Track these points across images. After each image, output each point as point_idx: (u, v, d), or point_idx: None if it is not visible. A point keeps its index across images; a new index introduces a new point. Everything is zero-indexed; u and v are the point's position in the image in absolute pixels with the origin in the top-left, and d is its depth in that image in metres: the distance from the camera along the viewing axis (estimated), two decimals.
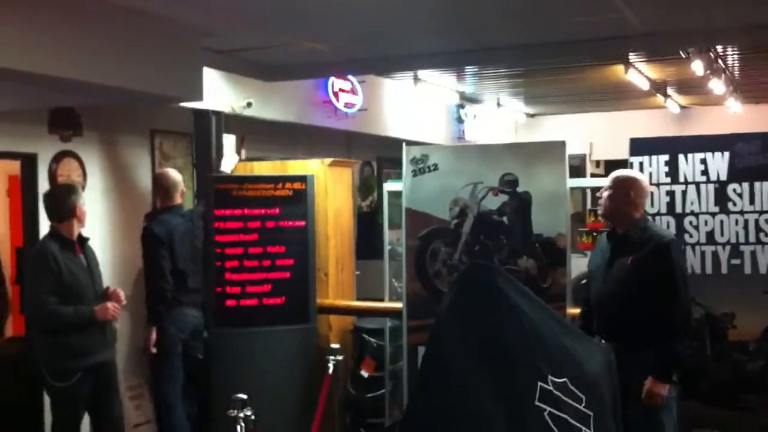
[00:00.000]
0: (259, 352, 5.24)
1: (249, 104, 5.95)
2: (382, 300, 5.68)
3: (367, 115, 7.49)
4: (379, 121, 7.87)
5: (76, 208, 4.29)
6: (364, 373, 5.50)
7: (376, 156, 8.78)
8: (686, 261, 4.28)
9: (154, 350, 4.88)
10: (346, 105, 7.11)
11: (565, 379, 3.35)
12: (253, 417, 3.51)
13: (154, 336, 4.86)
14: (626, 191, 3.86)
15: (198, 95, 4.73)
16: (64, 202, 4.30)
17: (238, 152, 6.15)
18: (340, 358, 4.62)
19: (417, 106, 8.49)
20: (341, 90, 7.09)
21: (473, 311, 3.46)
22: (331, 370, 4.55)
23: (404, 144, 5.27)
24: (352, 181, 6.15)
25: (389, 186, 5.92)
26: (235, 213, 5.37)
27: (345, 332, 5.66)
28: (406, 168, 5.24)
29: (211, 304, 5.22)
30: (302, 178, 5.51)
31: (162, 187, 5.23)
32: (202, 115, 5.73)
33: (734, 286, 4.39)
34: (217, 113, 5.77)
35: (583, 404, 3.34)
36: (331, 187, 5.75)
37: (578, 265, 5.63)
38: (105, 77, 4.03)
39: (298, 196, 5.48)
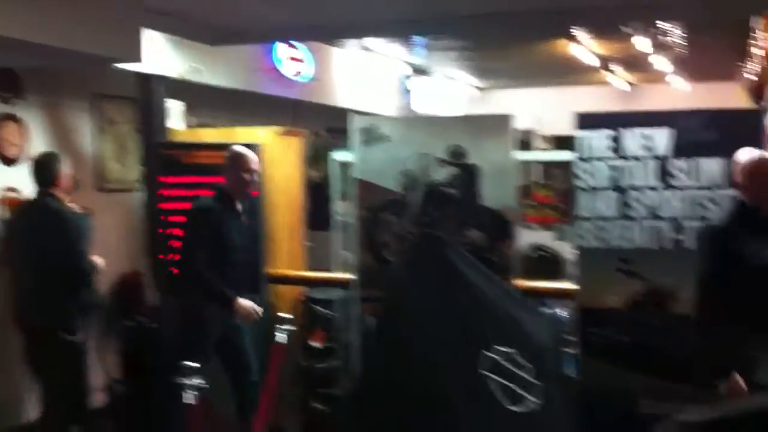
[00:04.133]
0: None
1: (195, 69, 5.85)
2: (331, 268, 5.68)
3: (317, 85, 7.44)
4: (329, 90, 7.83)
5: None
6: (315, 344, 5.50)
7: (323, 125, 8.73)
8: None
9: None
10: (296, 73, 7.04)
11: (512, 349, 3.42)
12: (202, 385, 3.48)
13: None
14: None
15: (136, 56, 4.64)
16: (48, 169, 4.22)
17: (184, 119, 6.06)
18: (291, 328, 4.61)
19: (367, 76, 8.46)
20: (291, 58, 7.02)
21: (424, 283, 3.51)
22: (281, 340, 4.53)
23: (352, 114, 5.26)
24: (302, 151, 6.11)
25: (338, 156, 5.90)
26: (182, 180, 5.28)
27: (295, 303, 5.64)
28: (354, 139, 5.22)
29: (156, 271, 5.16)
30: (252, 146, 5.44)
31: None
32: (146, 80, 5.62)
33: (677, 261, 4.48)
34: (162, 78, 5.66)
35: (529, 373, 3.42)
36: (281, 156, 5.71)
37: (525, 237, 5.72)
38: (38, 36, 3.92)
39: None
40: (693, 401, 3.53)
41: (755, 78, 6.98)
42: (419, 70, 9.30)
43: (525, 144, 9.43)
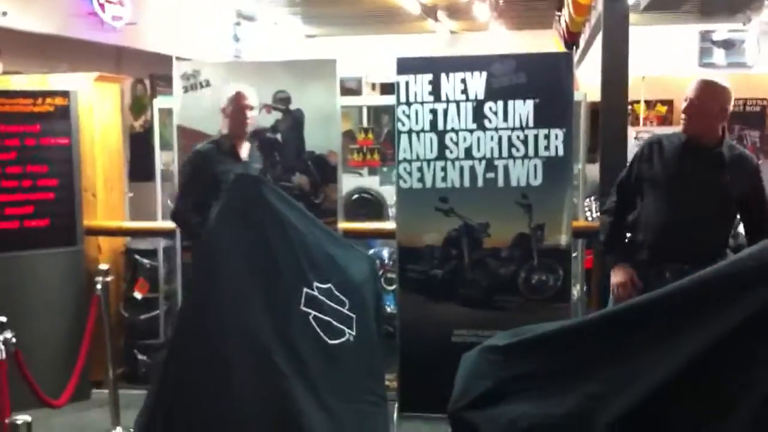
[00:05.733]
0: (22, 277, 4.98)
1: (4, 13, 5.51)
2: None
3: (138, 30, 7.17)
4: (151, 36, 7.57)
5: None
6: (138, 295, 5.41)
7: (149, 73, 8.45)
8: None
9: None
10: (114, 17, 6.76)
11: (329, 285, 3.52)
12: (13, 340, 3.35)
13: None
14: (722, 102, 3.74)
15: None
16: None
17: None
18: (108, 279, 4.51)
19: (191, 22, 8.23)
20: (108, 1, 6.72)
21: (240, 222, 3.52)
22: (99, 292, 4.42)
23: (175, 59, 5.12)
24: (121, 99, 5.90)
25: (160, 102, 5.74)
26: None
27: (117, 254, 5.50)
28: (176, 84, 5.11)
29: None
30: (65, 93, 5.22)
31: None
32: None
33: (489, 198, 4.71)
34: None
35: (347, 307, 3.53)
36: (98, 103, 5.49)
37: (349, 181, 5.80)
38: None
39: (60, 113, 5.18)
40: (498, 328, 3.78)
41: (567, 25, 7.35)
42: (248, 17, 9.14)
43: (354, 92, 9.52)
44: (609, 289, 4.00)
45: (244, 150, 4.50)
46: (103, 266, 4.55)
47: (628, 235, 4.09)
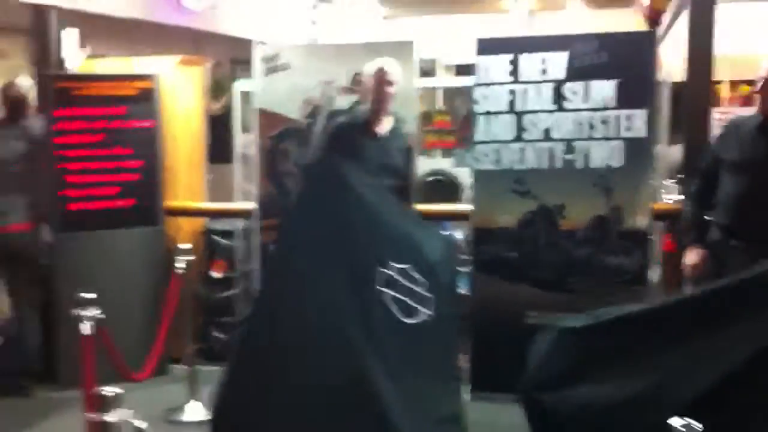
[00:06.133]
0: (106, 255, 5.15)
1: None
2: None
3: (217, 13, 7.29)
4: (230, 19, 7.68)
5: None
6: (215, 274, 5.53)
7: (229, 57, 8.58)
8: None
9: None
10: (193, 2, 6.88)
11: (407, 265, 3.53)
12: (100, 317, 3.48)
13: None
14: None
15: None
16: None
17: (79, 50, 5.89)
18: (189, 258, 4.62)
19: (269, 5, 8.32)
20: None
21: (320, 203, 3.57)
22: (180, 270, 4.54)
23: (255, 42, 5.20)
24: (202, 81, 6.02)
25: (240, 85, 5.84)
26: (78, 113, 5.16)
27: (196, 234, 5.63)
28: (257, 68, 5.19)
29: (54, 208, 5.06)
30: (149, 77, 5.36)
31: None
32: (39, 10, 5.44)
33: (566, 180, 4.65)
34: (55, 8, 5.47)
35: (424, 287, 3.54)
36: (181, 86, 5.61)
37: (425, 163, 5.80)
38: None
39: (145, 96, 5.32)
40: (572, 311, 3.75)
41: (651, 3, 7.15)
42: None
43: (428, 73, 9.48)
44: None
45: (384, 126, 4.43)
46: (185, 246, 4.66)
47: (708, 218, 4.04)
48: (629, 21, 8.44)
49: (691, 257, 3.98)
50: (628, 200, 4.57)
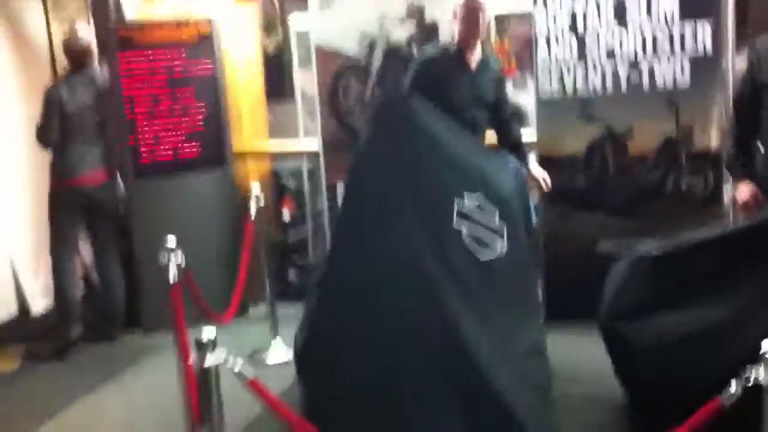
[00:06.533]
0: (180, 200, 5.25)
1: None
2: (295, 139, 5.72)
3: None
4: None
5: None
6: (286, 214, 5.62)
7: None
8: None
9: None
10: None
11: (479, 192, 3.54)
12: (183, 264, 3.57)
13: None
14: None
15: None
16: None
17: None
18: (260, 200, 4.69)
19: None
20: None
21: (390, 143, 3.59)
22: (253, 211, 4.62)
23: None
24: (258, 20, 6.01)
25: (294, 22, 5.80)
26: (141, 61, 5.21)
27: (263, 175, 5.71)
28: (310, 2, 5.15)
29: (127, 157, 5.17)
30: (207, 20, 5.36)
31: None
32: None
33: (633, 102, 4.57)
34: None
35: (497, 216, 3.56)
36: (237, 26, 5.61)
37: None
38: None
39: (204, 39, 5.33)
40: (646, 236, 3.73)
41: None
42: None
43: None
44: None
45: (475, 58, 4.22)
46: (255, 187, 4.71)
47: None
48: None
49: (742, 194, 3.69)
50: (699, 120, 4.49)
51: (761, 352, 2.21)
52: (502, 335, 3.28)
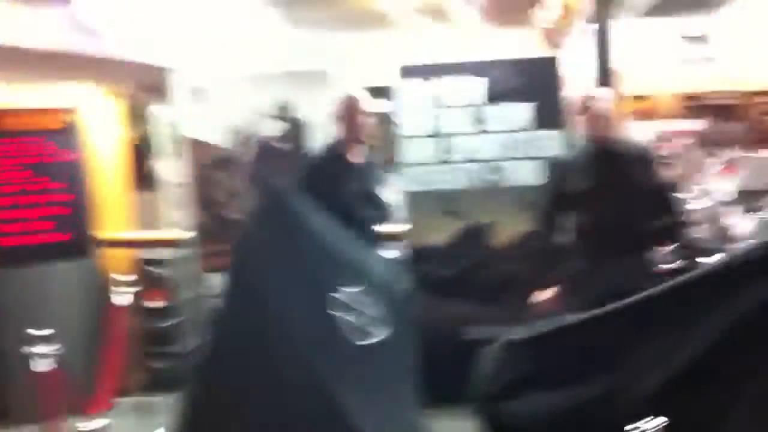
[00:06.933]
0: (43, 290, 5.06)
1: None
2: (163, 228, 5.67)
3: (124, 39, 7.18)
4: (137, 45, 7.57)
5: None
6: (153, 304, 5.51)
7: (137, 83, 8.43)
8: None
9: None
10: (99, 27, 6.77)
11: (357, 288, 3.66)
12: (56, 352, 3.45)
13: None
14: None
15: None
16: None
17: None
18: (128, 289, 4.61)
19: (176, 29, 8.24)
20: (94, 12, 6.72)
21: (270, 230, 3.65)
22: (117, 303, 4.53)
23: (169, 70, 5.21)
24: (122, 110, 5.98)
25: (160, 114, 5.83)
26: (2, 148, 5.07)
27: (128, 265, 5.59)
28: (178, 96, 5.23)
29: None
30: (71, 109, 5.31)
31: None
32: None
33: (494, 198, 4.89)
34: None
35: (375, 309, 3.68)
36: (101, 115, 5.58)
37: None
38: None
39: (68, 128, 5.28)
40: (507, 324, 3.94)
41: (551, 26, 7.53)
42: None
43: None
44: None
45: (358, 155, 4.42)
46: (126, 277, 4.63)
47: None
48: (528, 40, 8.77)
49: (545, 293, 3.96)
50: None
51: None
52: (382, 418, 3.37)
